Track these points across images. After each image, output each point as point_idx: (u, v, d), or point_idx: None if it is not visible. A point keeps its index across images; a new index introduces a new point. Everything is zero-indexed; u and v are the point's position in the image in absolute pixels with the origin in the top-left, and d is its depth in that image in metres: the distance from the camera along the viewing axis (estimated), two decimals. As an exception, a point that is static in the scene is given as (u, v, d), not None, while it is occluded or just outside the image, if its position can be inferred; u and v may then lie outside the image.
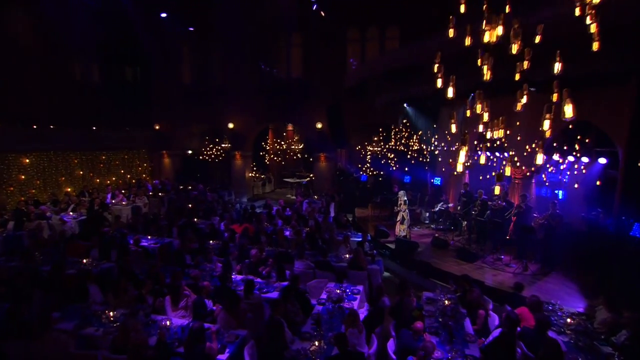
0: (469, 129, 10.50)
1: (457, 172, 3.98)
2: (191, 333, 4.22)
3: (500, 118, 5.56)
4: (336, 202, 14.30)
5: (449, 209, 11.08)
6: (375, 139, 17.21)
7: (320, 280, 6.93)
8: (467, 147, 3.65)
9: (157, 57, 17.02)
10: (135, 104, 17.00)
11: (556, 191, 10.43)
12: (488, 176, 11.78)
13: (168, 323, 4.92)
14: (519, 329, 4.53)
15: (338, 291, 6.27)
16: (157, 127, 17.60)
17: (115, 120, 15.57)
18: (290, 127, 20.86)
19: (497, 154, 11.60)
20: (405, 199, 10.31)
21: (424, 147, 11.70)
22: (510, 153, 8.59)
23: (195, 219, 11.05)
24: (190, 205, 12.51)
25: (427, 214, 12.64)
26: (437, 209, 12.23)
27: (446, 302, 5.78)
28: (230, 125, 17.10)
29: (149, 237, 9.17)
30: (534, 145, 8.02)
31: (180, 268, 6.90)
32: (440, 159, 11.08)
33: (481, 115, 4.45)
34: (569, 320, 5.00)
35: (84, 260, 7.20)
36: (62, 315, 5.00)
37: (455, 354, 4.43)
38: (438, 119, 12.00)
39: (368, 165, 17.25)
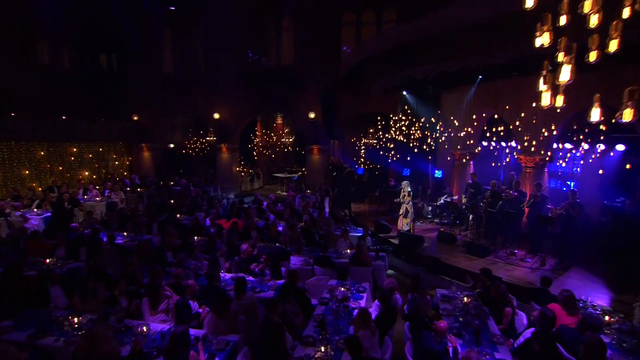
0: (478, 113, 10.22)
1: (557, 106, 3.12)
2: (173, 339, 3.61)
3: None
4: (331, 197, 13.86)
5: (454, 201, 10.64)
6: (371, 130, 16.95)
7: (320, 277, 6.41)
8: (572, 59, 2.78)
9: (135, 42, 16.20)
10: (110, 93, 16.14)
11: (568, 182, 10.15)
12: (495, 164, 11.50)
13: (145, 329, 4.29)
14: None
15: (342, 289, 5.74)
16: (135, 118, 16.75)
17: (88, 109, 14.68)
18: (279, 121, 20.39)
19: (503, 143, 11.35)
20: (410, 189, 9.85)
21: (428, 133, 11.25)
22: (525, 138, 8.16)
23: (178, 215, 10.39)
24: (172, 201, 11.83)
25: (430, 208, 12.26)
26: (441, 202, 11.82)
27: (465, 299, 5.37)
28: (216, 116, 16.39)
29: (125, 234, 8.47)
30: (552, 129, 7.68)
31: (161, 266, 6.28)
32: (446, 146, 10.64)
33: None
34: (607, 318, 4.57)
35: (47, 260, 6.47)
36: (15, 324, 4.30)
37: (484, 359, 3.94)
38: (441, 105, 11.58)
39: (363, 158, 17.04)
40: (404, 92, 13.68)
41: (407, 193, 9.90)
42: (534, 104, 7.51)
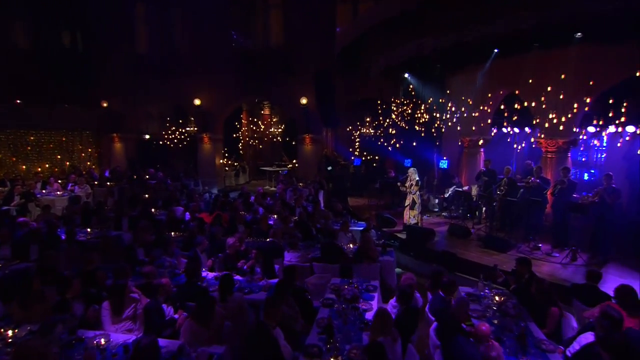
0: (493, 92, 9.69)
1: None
2: (138, 352, 2.89)
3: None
4: (325, 190, 13.27)
5: (466, 192, 10.10)
6: (368, 120, 16.41)
7: (320, 275, 5.77)
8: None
9: (103, 18, 15.19)
10: (75, 76, 15.05)
11: (592, 170, 9.69)
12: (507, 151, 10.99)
13: (104, 341, 3.53)
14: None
15: (347, 287, 5.06)
16: (105, 105, 15.72)
17: (48, 93, 13.62)
18: (267, 111, 19.71)
19: (517, 129, 10.87)
20: (417, 178, 9.26)
21: (437, 115, 10.66)
22: (551, 116, 7.59)
23: (153, 210, 9.61)
24: (147, 196, 11.02)
25: (437, 201, 11.77)
26: (449, 193, 11.32)
27: (496, 298, 4.75)
28: (197, 102, 15.50)
29: (89, 230, 7.67)
30: (586, 100, 7.14)
31: (130, 265, 5.51)
32: (459, 127, 10.06)
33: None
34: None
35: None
36: None
37: (537, 369, 3.31)
38: (450, 87, 11.02)
39: (358, 148, 16.59)
40: (406, 75, 13.20)
41: (414, 182, 9.31)
42: (562, 76, 6.95)
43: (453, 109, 9.83)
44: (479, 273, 6.85)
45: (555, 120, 7.78)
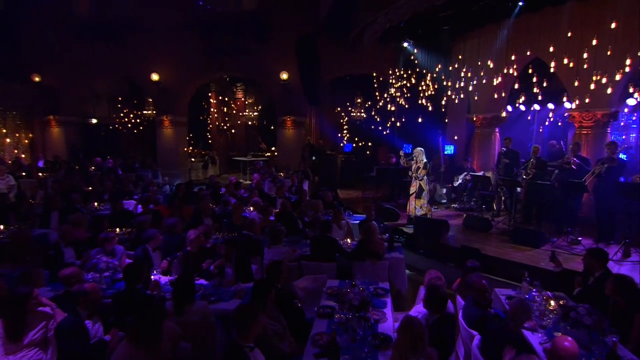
0: (517, 55, 8.98)
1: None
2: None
3: None
4: (311, 180, 12.60)
5: (485, 176, 9.41)
6: (359, 100, 15.76)
7: (313, 277, 4.86)
8: None
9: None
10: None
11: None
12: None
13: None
14: None
15: (351, 290, 4.17)
16: (37, 79, 14.28)
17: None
18: (240, 95, 18.99)
19: (537, 106, 10.31)
20: (425, 159, 8.49)
21: (449, 83, 9.91)
22: (595, 78, 6.86)
23: (97, 204, 8.58)
24: (90, 188, 9.95)
25: (444, 190, 11.17)
26: (459, 182, 10.72)
27: (552, 302, 3.97)
28: (154, 77, 14.34)
29: (2, 227, 6.62)
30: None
31: (49, 270, 4.52)
32: (476, 96, 9.29)
33: None
34: None
35: None
36: None
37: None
38: (462, 52, 10.32)
39: (348, 132, 16.28)
40: (406, 45, 12.52)
41: (421, 165, 8.53)
42: (613, 25, 6.23)
43: (468, 76, 9.06)
44: (508, 273, 6.22)
45: (593, 86, 7.09)
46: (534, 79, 7.63)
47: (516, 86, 9.38)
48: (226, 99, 18.53)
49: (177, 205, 7.63)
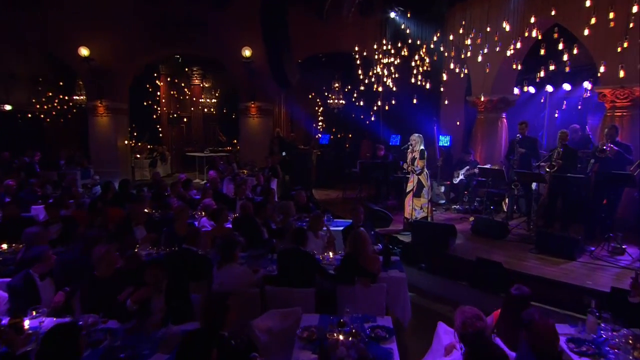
0: (537, 19, 8.13)
1: None
2: None
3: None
4: (280, 179, 12.06)
5: (494, 170, 8.63)
6: (337, 85, 15.13)
7: (281, 313, 3.78)
8: None
9: None
10: None
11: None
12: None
13: None
14: None
15: (340, 333, 3.08)
16: None
17: None
18: (196, 81, 18.31)
19: (550, 88, 9.68)
20: (423, 147, 7.54)
21: (452, 54, 9.04)
22: (626, 45, 6.10)
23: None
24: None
25: (442, 189, 10.52)
26: (460, 178, 10.07)
27: (629, 340, 3.11)
28: (84, 52, 12.91)
29: None
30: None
31: None
32: (488, 69, 8.43)
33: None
34: None
35: None
36: None
37: None
38: (459, 21, 9.56)
39: (324, 122, 16.20)
40: (393, 15, 11.82)
41: (418, 154, 7.56)
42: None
43: (477, 42, 8.21)
44: (547, 295, 5.28)
45: (619, 74, 6.34)
46: (560, 46, 6.73)
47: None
48: (177, 81, 17.66)
49: (100, 209, 6.38)
